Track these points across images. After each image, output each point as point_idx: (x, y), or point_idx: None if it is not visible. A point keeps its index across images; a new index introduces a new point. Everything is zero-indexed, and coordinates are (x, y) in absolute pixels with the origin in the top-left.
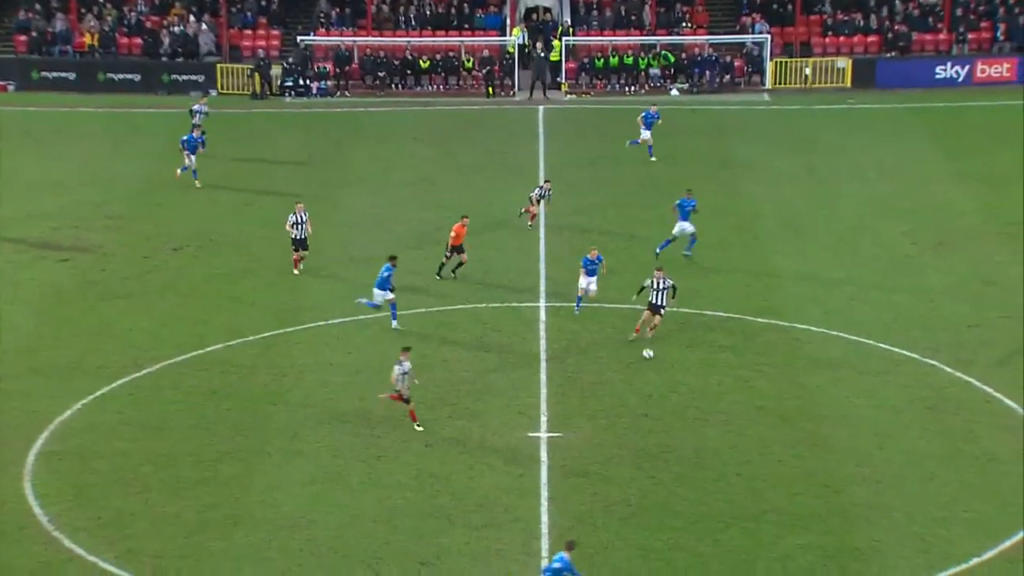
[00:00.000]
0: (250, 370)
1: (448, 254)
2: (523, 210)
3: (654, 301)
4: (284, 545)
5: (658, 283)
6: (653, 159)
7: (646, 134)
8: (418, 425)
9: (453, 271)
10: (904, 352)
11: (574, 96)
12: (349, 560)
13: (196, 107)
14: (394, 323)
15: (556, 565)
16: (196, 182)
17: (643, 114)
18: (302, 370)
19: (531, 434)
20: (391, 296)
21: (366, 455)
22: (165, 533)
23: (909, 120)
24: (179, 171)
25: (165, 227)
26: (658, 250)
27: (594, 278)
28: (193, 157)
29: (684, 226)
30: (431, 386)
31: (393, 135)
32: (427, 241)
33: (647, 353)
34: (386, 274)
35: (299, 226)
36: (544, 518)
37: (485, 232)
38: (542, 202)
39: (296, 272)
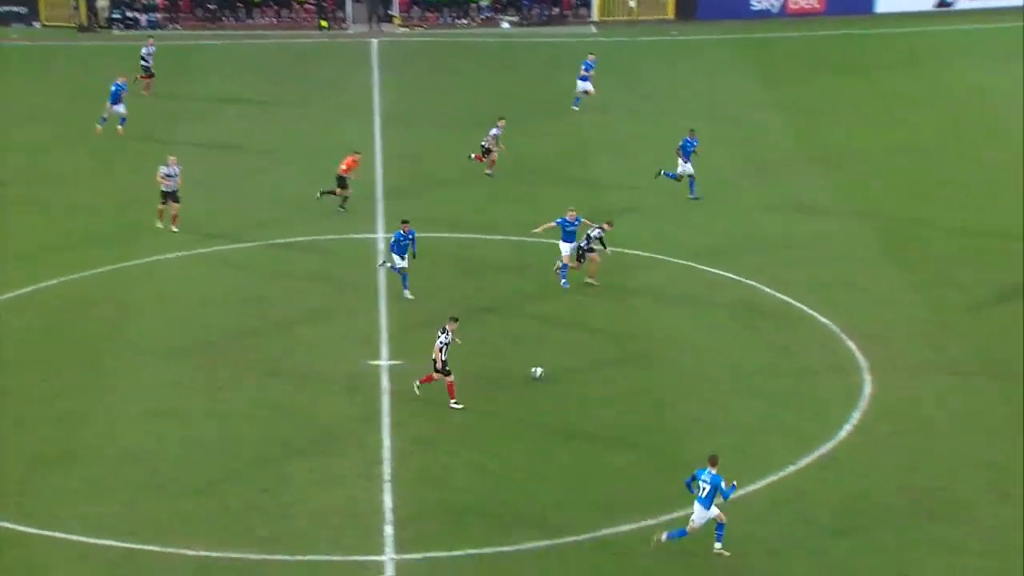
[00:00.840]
0: (87, 305)
1: (339, 187)
2: (474, 156)
3: (583, 245)
4: (124, 478)
5: (599, 232)
6: (575, 108)
7: (584, 84)
8: (456, 402)
9: (320, 196)
10: (726, 274)
11: (407, 29)
12: (191, 490)
13: (145, 49)
14: (406, 292)
15: (708, 483)
16: (119, 128)
17: (584, 63)
18: (140, 304)
19: (372, 362)
20: (403, 264)
21: (206, 387)
22: (2, 470)
23: (728, 51)
24: (98, 125)
25: None
26: (692, 195)
27: (574, 243)
28: (119, 107)
29: (687, 167)
30: (271, 317)
31: (226, 69)
32: (261, 173)
33: (536, 371)
34: (395, 237)
35: (171, 178)
36: (386, 443)
37: (320, 164)
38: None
39: (174, 229)
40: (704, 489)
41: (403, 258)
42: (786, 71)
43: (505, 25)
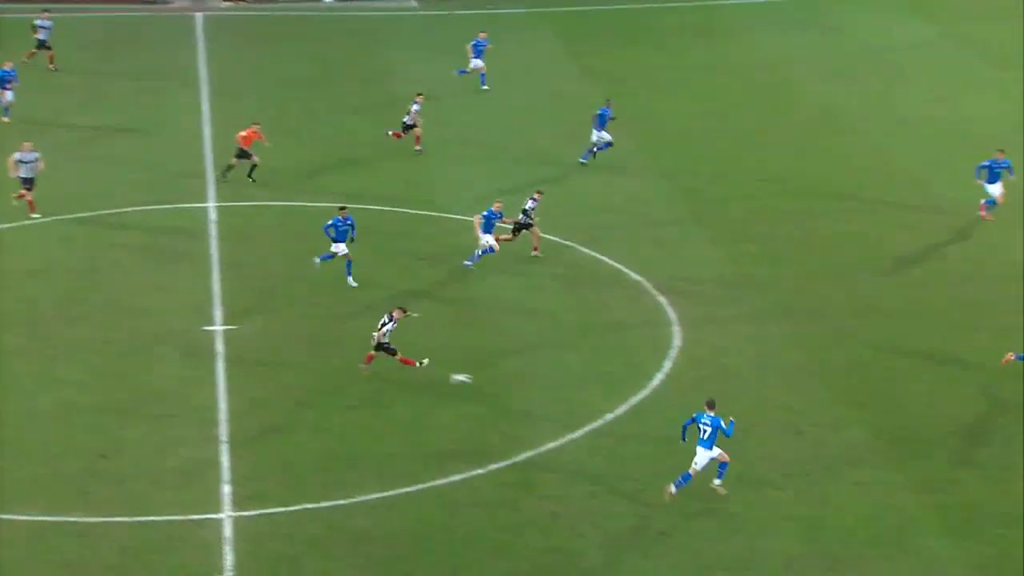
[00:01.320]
0: None
1: (236, 159)
2: (391, 133)
3: (522, 220)
4: None
5: (532, 203)
6: (486, 88)
7: (477, 62)
8: (422, 361)
9: (249, 175)
10: (545, 236)
11: (231, 3)
12: (25, 457)
13: (39, 22)
14: (350, 279)
15: (709, 425)
16: (5, 119)
17: (472, 42)
18: None
19: (206, 328)
20: (345, 250)
21: (40, 355)
22: None
23: (538, 23)
24: None
25: None
26: (583, 160)
27: (492, 233)
28: (9, 94)
29: (601, 134)
30: (104, 286)
31: (52, 42)
32: (91, 146)
33: (459, 378)
34: (335, 224)
35: (26, 165)
36: (222, 406)
37: (150, 138)
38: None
39: (33, 216)
40: (705, 432)
41: (342, 243)
42: (592, 43)
43: None
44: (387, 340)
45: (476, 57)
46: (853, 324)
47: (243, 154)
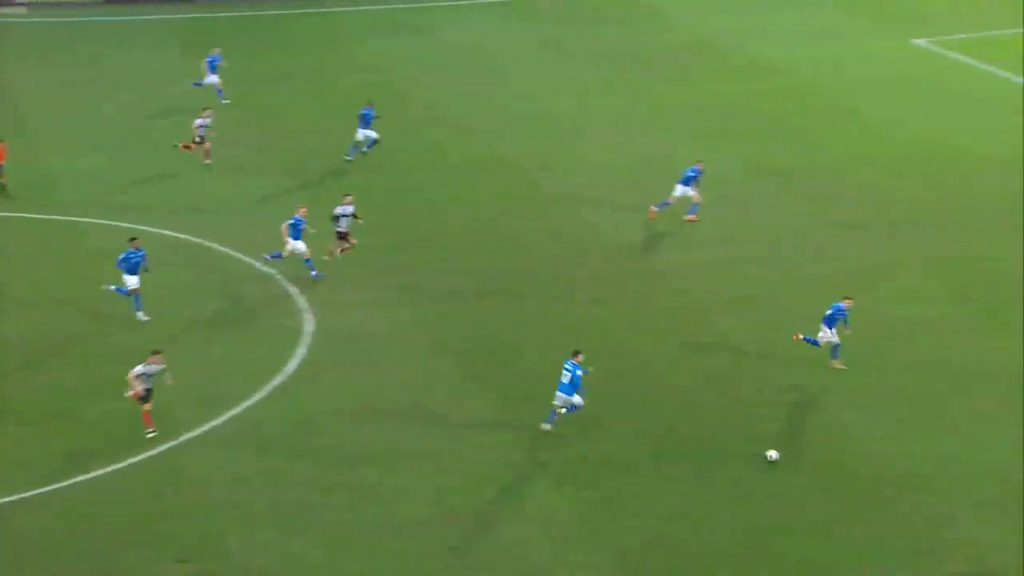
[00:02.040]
0: None
1: None
2: (180, 145)
3: (341, 229)
4: None
5: (343, 210)
6: (226, 101)
7: (213, 78)
8: (151, 431)
9: None
10: (178, 235)
11: None
12: None
13: None
14: (139, 314)
15: (571, 371)
16: None
17: (207, 58)
18: None
19: None
20: (137, 284)
21: None
22: None
23: (161, 30)
24: None
25: None
26: (349, 157)
27: (301, 239)
28: None
29: (367, 132)
30: None
31: None
32: None
33: (773, 454)
34: (128, 257)
35: None
36: None
37: None
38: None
39: None
40: (567, 376)
41: (135, 277)
42: (212, 47)
43: None
44: (149, 387)
45: (212, 73)
46: (473, 305)
47: None
